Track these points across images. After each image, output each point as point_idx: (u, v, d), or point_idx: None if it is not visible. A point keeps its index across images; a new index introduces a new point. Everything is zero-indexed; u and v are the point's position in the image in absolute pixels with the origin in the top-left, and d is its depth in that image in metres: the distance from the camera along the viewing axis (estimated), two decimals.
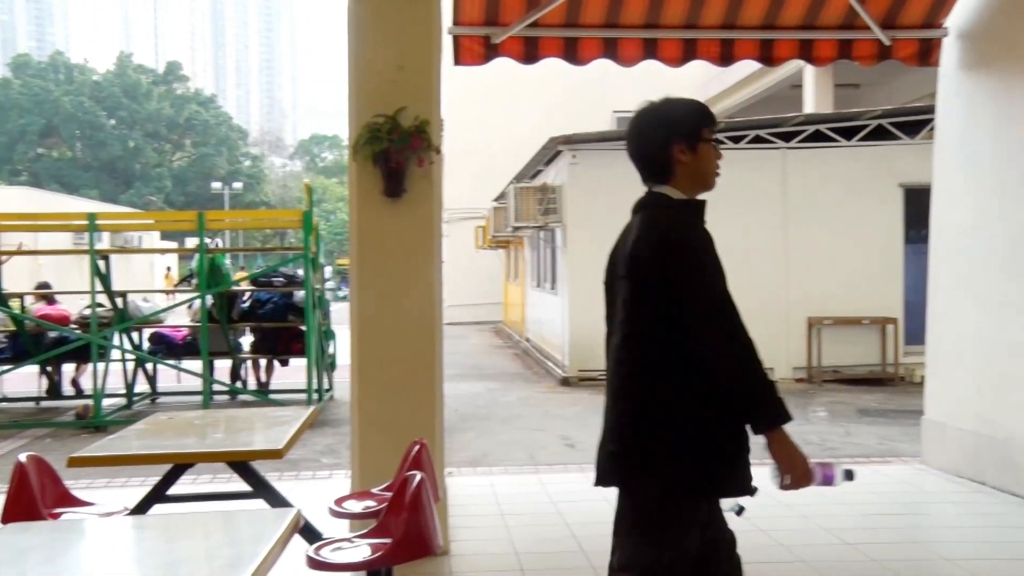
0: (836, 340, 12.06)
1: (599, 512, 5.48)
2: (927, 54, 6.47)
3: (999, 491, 5.79)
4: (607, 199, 12.41)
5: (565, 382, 12.30)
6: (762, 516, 5.31)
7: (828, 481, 2.55)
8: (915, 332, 10.19)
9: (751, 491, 2.49)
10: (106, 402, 9.83)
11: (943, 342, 6.59)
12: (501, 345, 19.29)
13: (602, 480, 2.59)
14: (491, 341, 20.35)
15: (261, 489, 3.91)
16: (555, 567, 4.49)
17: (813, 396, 10.82)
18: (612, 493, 5.94)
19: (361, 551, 2.77)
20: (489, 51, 6.06)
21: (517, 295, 20.75)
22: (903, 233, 12.16)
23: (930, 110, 7.00)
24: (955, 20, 6.35)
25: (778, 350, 12.14)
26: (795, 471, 2.45)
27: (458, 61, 6.04)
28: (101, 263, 9.90)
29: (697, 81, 21.50)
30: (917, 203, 11.01)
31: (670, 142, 2.60)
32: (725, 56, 6.38)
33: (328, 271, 26.68)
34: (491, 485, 6.28)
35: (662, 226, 2.53)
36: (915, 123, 11.87)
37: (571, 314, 12.53)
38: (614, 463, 2.52)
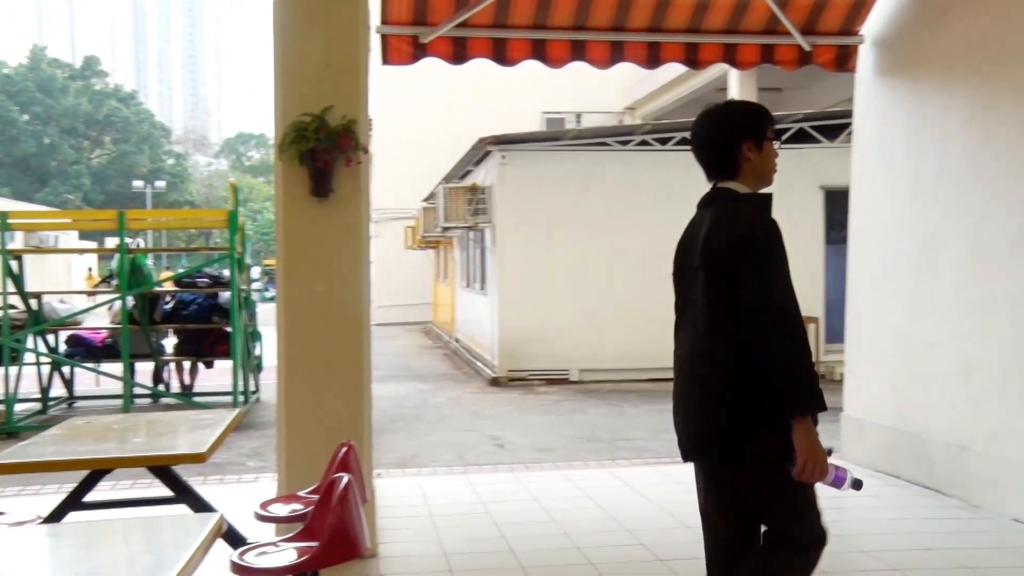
0: None
1: (528, 512, 5.52)
2: (845, 60, 6.66)
3: (913, 484, 5.98)
4: (537, 199, 12.50)
5: (495, 382, 12.33)
6: (688, 513, 5.40)
7: (838, 483, 2.64)
8: (835, 331, 10.45)
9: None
10: (19, 407, 9.52)
11: (861, 341, 6.79)
12: (431, 345, 19.23)
13: (692, 457, 2.81)
14: (421, 342, 20.28)
15: (183, 494, 3.84)
16: (484, 567, 4.51)
17: None
18: (541, 493, 5.90)
19: (287, 555, 2.74)
20: (417, 51, 6.04)
21: (447, 295, 20.72)
22: (824, 234, 12.48)
23: (849, 114, 7.19)
24: (870, 28, 6.55)
25: None
26: (812, 461, 2.56)
27: (386, 60, 6.02)
28: (14, 263, 9.60)
29: (626, 83, 21.77)
30: (837, 205, 11.32)
31: (740, 140, 2.78)
32: (652, 58, 6.47)
33: (256, 271, 26.28)
34: (420, 486, 6.26)
35: (734, 218, 2.68)
36: (835, 127, 12.19)
37: (501, 314, 12.56)
38: (703, 441, 2.72)
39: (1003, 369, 5.24)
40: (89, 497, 3.84)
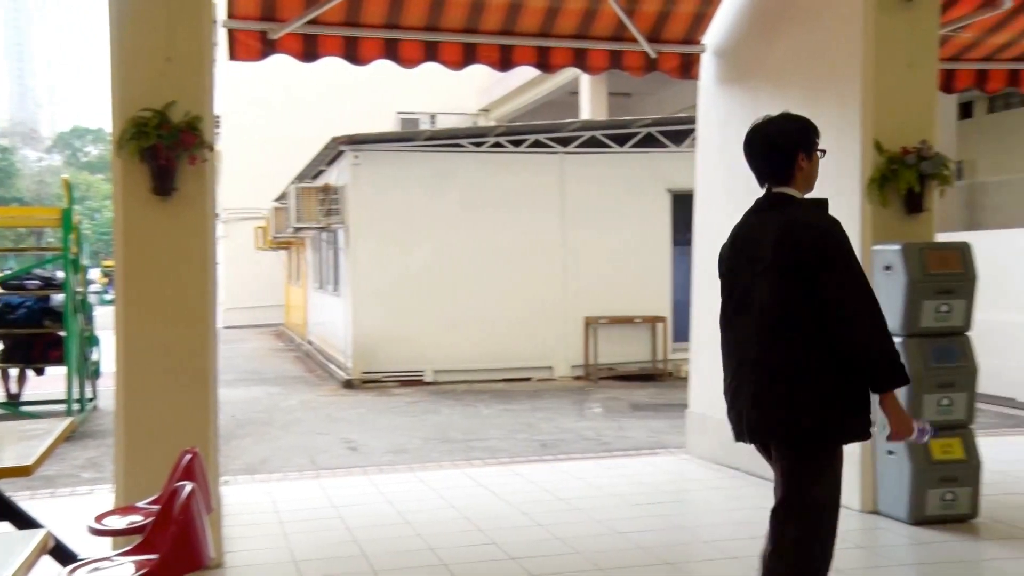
0: (611, 338, 12.63)
1: (381, 514, 5.49)
2: (688, 68, 6.93)
3: (751, 475, 6.28)
4: (391, 200, 12.42)
5: (348, 384, 12.18)
6: (540, 512, 5.50)
7: (920, 437, 3.06)
8: (682, 330, 10.83)
9: (869, 435, 3.05)
10: None
11: (705, 338, 7.07)
12: (282, 348, 18.82)
13: (752, 437, 3.12)
14: (272, 344, 19.81)
15: (5, 510, 3.63)
16: (335, 573, 4.46)
17: (590, 393, 11.29)
18: (394, 495, 5.88)
19: (123, 570, 2.63)
20: (266, 47, 5.92)
21: (299, 297, 20.32)
22: (671, 235, 12.91)
23: (693, 120, 7.48)
24: (711, 38, 6.84)
25: (557, 349, 12.58)
26: (900, 426, 2.97)
27: (233, 56, 5.86)
28: None
29: (481, 85, 21.92)
30: (683, 207, 11.75)
31: (797, 151, 3.08)
32: (504, 61, 6.56)
33: (95, 273, 25.02)
34: (269, 492, 6.13)
35: (806, 220, 2.96)
36: (681, 132, 12.65)
37: (354, 316, 12.42)
38: (764, 423, 3.02)
39: None
40: None
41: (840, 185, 5.49)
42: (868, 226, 5.28)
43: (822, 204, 3.07)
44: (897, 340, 5.04)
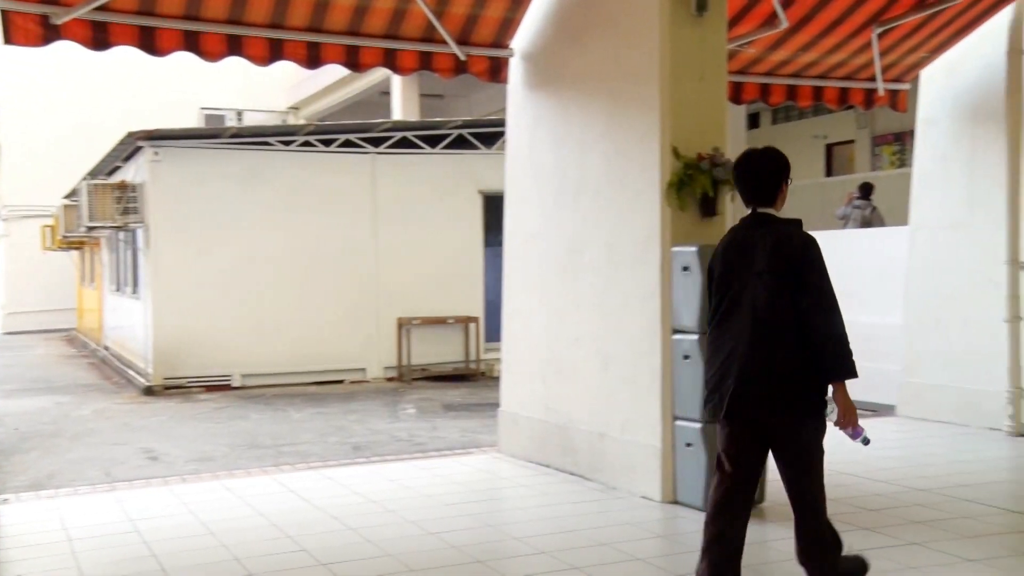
0: (425, 339, 12.65)
1: (183, 526, 5.25)
2: (497, 71, 7.04)
3: (561, 471, 6.45)
4: (194, 199, 11.91)
5: (149, 391, 11.60)
6: (352, 515, 5.43)
7: (855, 436, 3.53)
8: (494, 330, 10.98)
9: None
10: None
11: (515, 339, 7.20)
12: (74, 354, 17.68)
13: (751, 412, 3.61)
14: (62, 350, 18.58)
15: None
16: None
17: (403, 394, 11.26)
18: (198, 506, 5.65)
19: None
20: (49, 32, 5.52)
21: (94, 300, 19.16)
22: (483, 237, 13.06)
23: (504, 123, 7.60)
24: (519, 42, 6.97)
25: (370, 350, 12.47)
26: (849, 414, 3.53)
27: (9, 40, 5.44)
28: None
29: (290, 81, 21.40)
30: (495, 209, 11.91)
31: (781, 180, 3.74)
32: (312, 59, 6.42)
33: None
34: (57, 509, 5.73)
35: (793, 236, 3.61)
36: (492, 134, 12.82)
37: (155, 319, 11.84)
38: (768, 399, 3.56)
39: (634, 363, 5.80)
40: None
41: (641, 189, 5.73)
42: (667, 228, 5.53)
43: (799, 222, 3.72)
44: (692, 338, 5.33)
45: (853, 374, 3.51)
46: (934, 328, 8.14)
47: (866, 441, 3.56)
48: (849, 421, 3.54)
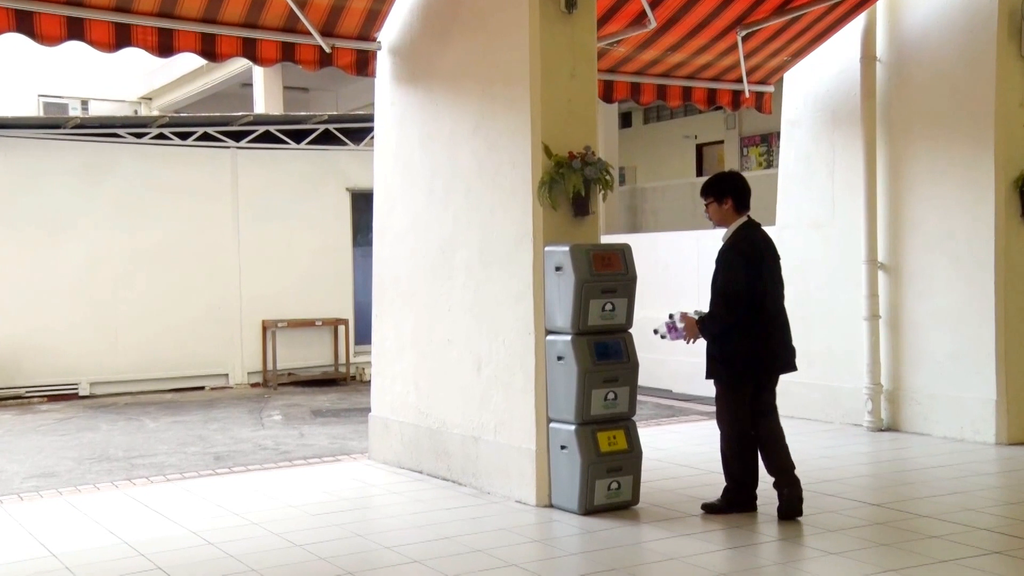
0: (291, 342, 12.41)
1: (19, 550, 4.99)
2: (364, 64, 6.96)
3: (433, 477, 6.44)
4: (32, 194, 11.28)
5: None
6: (213, 529, 5.28)
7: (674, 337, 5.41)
8: (364, 332, 10.89)
9: None
10: None
11: (385, 341, 7.15)
12: None
13: (788, 369, 5.48)
14: None
15: None
16: None
17: (269, 400, 11.02)
18: (37, 526, 5.43)
19: None
20: None
21: None
22: (352, 236, 12.91)
23: (372, 118, 7.54)
24: (386, 35, 6.92)
25: (233, 354, 12.14)
26: (691, 333, 5.34)
27: None
28: None
29: (143, 69, 20.58)
30: (363, 207, 11.80)
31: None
32: (164, 47, 6.20)
33: None
34: None
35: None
36: (360, 130, 12.68)
37: None
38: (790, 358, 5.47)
39: (507, 365, 5.85)
40: None
41: (513, 187, 5.78)
42: (539, 227, 5.59)
43: None
44: (565, 338, 5.41)
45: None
46: (799, 326, 8.48)
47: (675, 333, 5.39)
48: (689, 333, 5.34)
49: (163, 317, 11.72)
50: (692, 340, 5.38)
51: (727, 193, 5.33)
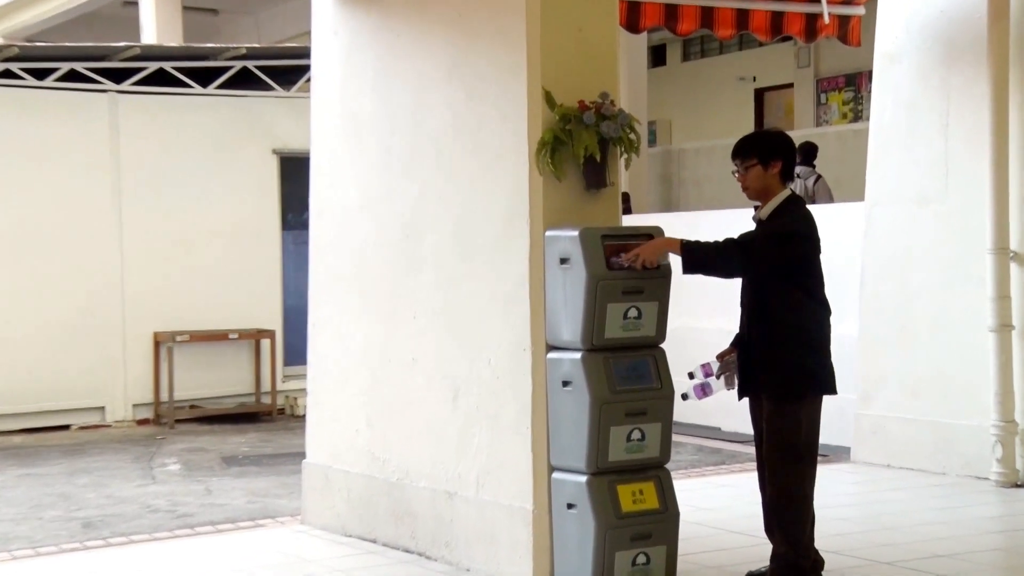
0: (195, 362, 12.42)
1: None
2: None
3: (392, 549, 6.49)
4: None
5: None
6: None
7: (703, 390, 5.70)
8: (297, 348, 10.87)
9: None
10: None
11: (327, 360, 7.20)
12: None
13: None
14: None
15: None
16: None
17: (163, 444, 11.05)
18: None
19: None
20: None
21: None
22: (280, 215, 12.93)
23: (308, 53, 7.58)
24: None
25: (112, 380, 12.13)
26: (646, 252, 5.38)
27: None
28: None
29: None
30: (296, 176, 11.82)
31: None
32: None
33: None
34: None
35: None
36: (290, 69, 12.72)
37: None
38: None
39: (494, 393, 5.90)
40: None
41: (502, 150, 5.84)
42: (538, 205, 5.64)
43: None
44: (574, 356, 5.46)
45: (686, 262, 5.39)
46: (898, 340, 8.57)
47: (683, 396, 5.62)
48: (644, 256, 5.38)
49: (11, 328, 11.70)
50: (731, 387, 5.66)
51: (778, 155, 5.49)
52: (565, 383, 5.54)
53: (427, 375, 6.36)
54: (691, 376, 5.70)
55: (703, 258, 5.39)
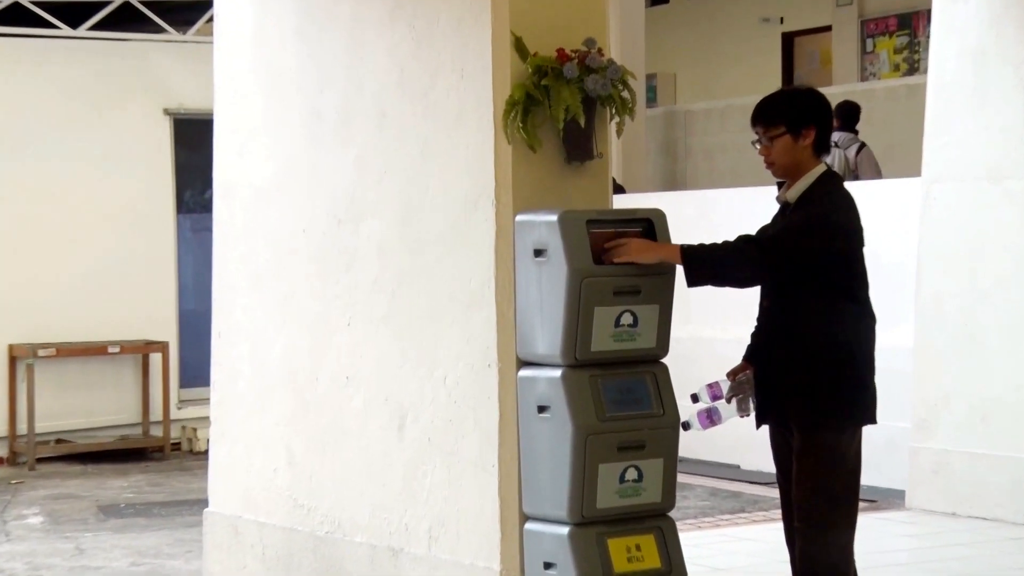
0: (63, 384, 12.39)
1: None
2: None
3: None
4: None
5: None
6: None
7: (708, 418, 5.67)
8: (197, 364, 10.86)
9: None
10: None
11: (237, 380, 7.20)
12: None
13: None
14: None
15: None
16: None
17: (20, 490, 11.01)
18: None
19: None
20: None
21: None
22: (174, 193, 12.89)
23: None
24: None
25: None
26: (634, 250, 5.37)
27: None
28: None
29: None
30: (196, 143, 11.82)
31: None
32: None
33: None
34: None
35: None
36: (188, 5, 12.68)
37: None
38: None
39: (451, 418, 5.93)
40: None
41: (463, 112, 5.88)
42: (507, 182, 5.67)
43: None
44: (552, 375, 5.49)
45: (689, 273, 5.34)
46: (964, 352, 8.61)
47: (686, 425, 5.60)
48: (628, 253, 5.38)
49: None
50: (744, 413, 5.68)
51: (811, 120, 5.46)
52: (541, 408, 5.54)
53: (366, 398, 6.38)
54: (695, 399, 5.65)
55: (711, 266, 5.41)
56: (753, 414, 5.59)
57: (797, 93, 5.84)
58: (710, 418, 5.64)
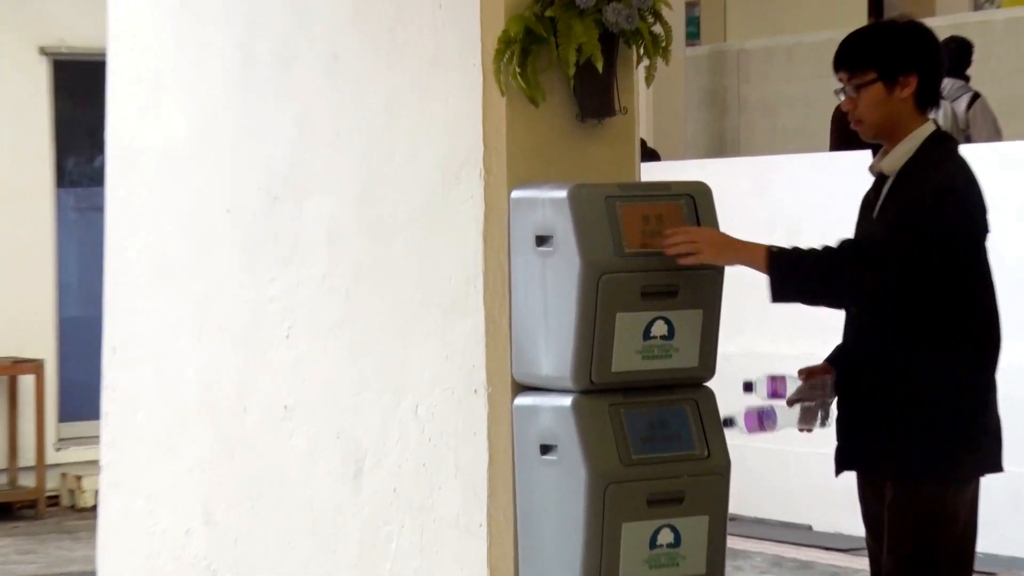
0: None
1: None
2: None
3: None
4: None
5: None
6: None
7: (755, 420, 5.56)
8: (82, 390, 10.92)
9: None
10: None
11: (137, 410, 7.25)
12: None
13: None
14: None
15: None
16: None
17: None
18: None
19: None
20: None
21: None
22: (54, 162, 12.96)
23: None
24: None
25: None
26: (698, 241, 5.29)
27: None
28: None
29: None
30: (83, 94, 11.88)
31: None
32: None
33: None
34: None
35: None
36: None
37: None
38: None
39: (426, 461, 5.94)
40: None
41: (441, 52, 5.92)
42: (501, 146, 5.72)
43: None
44: (561, 403, 5.52)
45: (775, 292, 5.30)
46: None
47: (728, 422, 5.51)
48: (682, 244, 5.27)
49: None
50: (809, 426, 5.68)
51: (911, 63, 5.43)
52: (545, 449, 5.58)
53: (310, 435, 6.42)
54: (747, 388, 5.66)
55: (807, 278, 5.34)
56: (827, 440, 5.57)
57: (893, 27, 5.76)
58: (760, 420, 5.58)
